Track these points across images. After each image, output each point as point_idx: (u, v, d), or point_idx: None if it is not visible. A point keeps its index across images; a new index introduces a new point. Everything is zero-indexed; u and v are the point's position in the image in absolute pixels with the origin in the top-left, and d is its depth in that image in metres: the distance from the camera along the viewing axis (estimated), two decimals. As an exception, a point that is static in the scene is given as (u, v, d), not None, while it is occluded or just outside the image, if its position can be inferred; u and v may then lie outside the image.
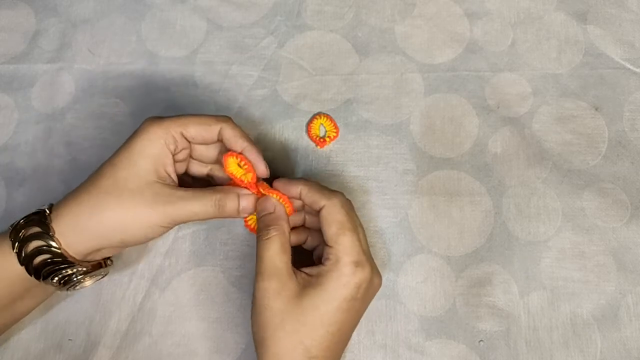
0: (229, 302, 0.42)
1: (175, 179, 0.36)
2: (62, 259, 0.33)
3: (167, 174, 0.35)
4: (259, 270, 0.34)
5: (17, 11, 0.51)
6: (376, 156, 0.45)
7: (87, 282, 0.36)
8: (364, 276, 0.34)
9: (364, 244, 0.36)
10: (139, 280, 0.42)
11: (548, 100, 0.46)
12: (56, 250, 0.33)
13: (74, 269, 0.34)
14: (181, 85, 0.48)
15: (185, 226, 0.44)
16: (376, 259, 0.41)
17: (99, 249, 0.35)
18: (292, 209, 0.38)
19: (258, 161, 0.37)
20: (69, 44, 0.49)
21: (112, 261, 0.38)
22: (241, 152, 0.37)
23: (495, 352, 0.40)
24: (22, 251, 0.33)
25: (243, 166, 0.36)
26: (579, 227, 0.43)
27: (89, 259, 0.35)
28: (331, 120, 0.46)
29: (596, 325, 0.40)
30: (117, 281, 0.42)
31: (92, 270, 0.35)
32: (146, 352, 0.41)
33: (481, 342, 0.40)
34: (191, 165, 0.39)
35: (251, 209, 0.37)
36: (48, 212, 0.34)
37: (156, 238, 0.36)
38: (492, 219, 0.43)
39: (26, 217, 0.34)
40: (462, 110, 0.46)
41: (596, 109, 0.45)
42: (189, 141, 0.37)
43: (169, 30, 0.49)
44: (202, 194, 0.35)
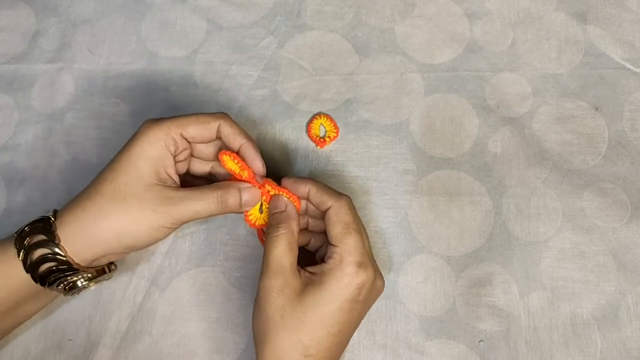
0: (229, 302, 0.42)
1: (177, 179, 0.36)
2: (68, 266, 0.33)
3: (168, 175, 0.36)
4: (264, 267, 0.34)
5: (17, 11, 0.51)
6: (376, 156, 0.45)
7: (92, 286, 0.36)
8: (366, 277, 0.34)
9: (368, 246, 0.36)
10: (139, 280, 0.42)
11: (548, 100, 0.46)
12: (62, 258, 0.33)
13: (79, 276, 0.34)
14: (181, 85, 0.48)
15: (185, 226, 0.44)
16: (376, 259, 0.41)
17: (104, 255, 0.35)
18: (299, 208, 0.38)
19: (255, 158, 0.37)
20: (69, 44, 0.49)
21: (116, 266, 0.38)
22: (234, 151, 0.37)
23: (495, 352, 0.40)
24: (27, 259, 0.33)
25: (237, 164, 0.37)
26: (579, 227, 0.43)
27: (93, 264, 0.35)
28: (331, 120, 0.46)
29: (596, 325, 0.40)
30: (117, 281, 0.42)
31: (96, 275, 0.36)
32: (146, 352, 0.41)
33: (481, 342, 0.40)
34: (192, 163, 0.39)
35: (253, 202, 0.37)
36: (53, 219, 0.34)
37: (162, 240, 0.36)
38: (492, 219, 0.43)
39: (31, 224, 0.34)
40: (462, 110, 0.46)
41: (596, 109, 0.45)
42: (188, 141, 0.37)
43: (169, 30, 0.49)
44: (204, 192, 0.35)
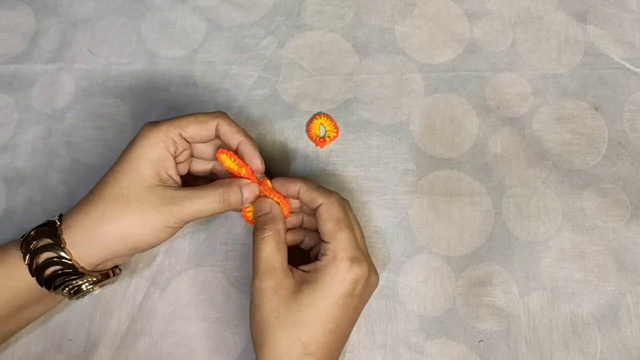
0: (229, 302, 0.42)
1: (178, 180, 0.37)
2: (73, 270, 0.34)
3: (170, 176, 0.36)
4: (255, 270, 0.34)
5: (17, 11, 0.51)
6: (376, 156, 0.45)
7: (96, 290, 0.36)
8: (360, 272, 0.34)
9: (361, 243, 0.36)
10: (139, 280, 0.42)
11: (548, 100, 0.46)
12: (67, 261, 0.33)
13: (84, 280, 0.34)
14: (181, 85, 0.48)
15: (185, 226, 0.43)
16: (376, 259, 0.41)
17: (109, 259, 0.35)
18: (289, 210, 0.38)
19: (254, 155, 0.37)
20: (69, 44, 0.49)
21: (121, 270, 0.39)
22: (233, 149, 0.37)
23: (495, 352, 0.40)
24: (33, 262, 0.33)
25: (234, 162, 0.37)
26: (579, 227, 0.43)
27: (99, 268, 0.35)
28: (331, 120, 0.46)
29: (596, 325, 0.40)
30: (117, 281, 0.42)
31: (102, 279, 0.36)
32: (146, 352, 0.41)
33: (481, 342, 0.40)
34: (193, 163, 0.40)
35: (254, 198, 0.37)
36: (59, 223, 0.34)
37: (166, 240, 0.36)
38: (492, 219, 0.43)
39: (36, 228, 0.34)
40: (462, 110, 0.46)
41: (596, 109, 0.45)
42: (188, 142, 0.37)
43: (169, 30, 0.49)
44: (206, 191, 0.35)
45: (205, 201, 0.35)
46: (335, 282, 0.33)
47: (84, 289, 0.35)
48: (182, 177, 0.38)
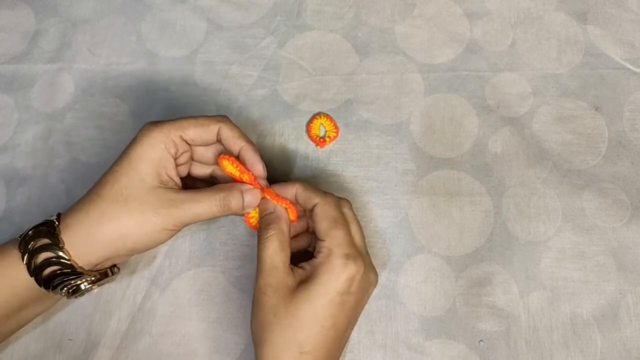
0: (229, 302, 0.42)
1: (178, 181, 0.37)
2: (71, 270, 0.33)
3: (170, 177, 0.36)
4: (258, 268, 0.35)
5: (17, 11, 0.51)
6: (376, 156, 0.45)
7: (95, 289, 0.36)
8: (356, 269, 0.33)
9: (359, 240, 0.36)
10: (139, 280, 0.42)
11: (548, 100, 0.46)
12: (66, 261, 0.33)
13: (82, 279, 0.34)
14: (181, 85, 0.48)
15: (186, 227, 0.43)
16: (376, 259, 0.41)
17: (108, 258, 0.35)
18: (296, 214, 0.38)
19: (255, 161, 0.37)
20: (69, 44, 0.49)
21: (119, 269, 0.38)
22: (234, 154, 0.37)
23: (495, 352, 0.40)
24: (31, 262, 0.33)
25: (236, 168, 0.37)
26: (579, 227, 0.43)
27: (97, 268, 0.35)
28: (331, 120, 0.46)
29: (596, 325, 0.40)
30: (117, 281, 0.42)
31: (100, 278, 0.36)
32: (146, 352, 0.41)
33: (481, 342, 0.40)
34: (193, 167, 0.40)
35: (255, 203, 0.37)
36: (57, 222, 0.34)
37: (165, 242, 0.36)
38: (492, 219, 0.43)
39: (34, 228, 0.34)
40: (462, 110, 0.46)
41: (596, 109, 0.45)
42: (189, 144, 0.37)
43: (169, 30, 0.49)
44: (206, 194, 0.35)
45: (206, 205, 0.35)
46: (330, 279, 0.33)
47: (83, 288, 0.35)
48: (181, 179, 0.38)
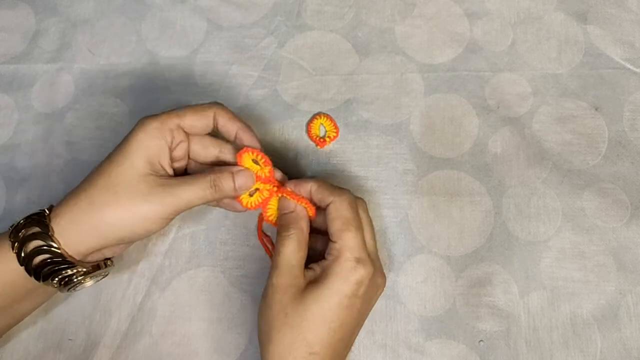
0: (229, 302, 0.42)
1: (170, 171, 0.36)
2: (62, 259, 0.33)
3: (162, 167, 0.35)
4: (273, 265, 0.34)
5: (17, 11, 0.51)
6: (376, 156, 0.45)
7: (88, 282, 0.36)
8: (365, 273, 0.34)
9: (370, 244, 0.36)
10: (139, 280, 0.42)
11: (548, 100, 0.46)
12: (55, 250, 0.33)
13: (74, 270, 0.34)
14: (181, 85, 0.48)
15: (185, 226, 0.44)
16: (376, 259, 0.41)
17: (99, 249, 0.35)
18: (314, 212, 0.38)
19: (253, 140, 0.38)
20: (69, 44, 0.49)
21: (113, 262, 0.38)
22: (231, 137, 0.37)
23: (495, 352, 0.40)
24: (21, 251, 0.33)
25: (260, 160, 0.36)
26: (579, 227, 0.43)
27: (89, 259, 0.35)
28: (331, 120, 0.46)
29: (596, 325, 0.40)
30: (117, 281, 0.42)
31: (92, 270, 0.35)
32: (146, 352, 0.41)
33: (481, 342, 0.40)
34: (190, 165, 0.40)
35: (249, 185, 0.37)
36: (48, 212, 0.34)
37: (158, 231, 0.35)
38: (492, 219, 0.43)
39: (26, 218, 0.34)
40: (462, 110, 0.46)
41: (596, 109, 0.45)
42: (186, 133, 0.37)
43: (169, 30, 0.49)
44: (197, 179, 0.35)
45: (197, 188, 0.34)
46: (339, 282, 0.33)
47: (75, 280, 0.34)
48: (177, 175, 0.38)
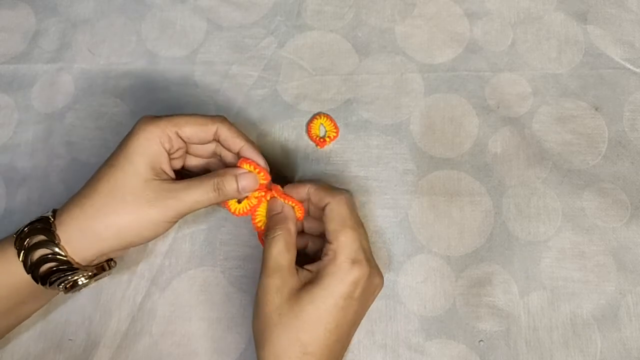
0: (229, 302, 0.42)
1: (172, 174, 0.37)
2: (68, 266, 0.33)
3: (164, 170, 0.36)
4: (263, 267, 0.35)
5: (17, 11, 0.51)
6: (376, 156, 0.45)
7: (91, 284, 0.36)
8: (361, 274, 0.34)
9: (365, 245, 0.36)
10: (139, 280, 0.42)
11: (548, 100, 0.46)
12: (62, 258, 0.33)
13: (79, 274, 0.34)
14: (181, 85, 0.48)
15: (186, 226, 0.44)
16: (376, 259, 0.41)
17: (104, 253, 0.35)
18: (303, 212, 0.38)
19: (257, 159, 0.37)
20: (69, 44, 0.49)
21: (116, 263, 0.38)
22: (239, 153, 0.37)
23: (495, 352, 0.40)
24: (27, 259, 0.33)
25: (254, 170, 0.37)
26: (579, 227, 0.43)
27: (94, 263, 0.35)
28: (331, 120, 0.46)
29: (596, 325, 0.40)
30: (117, 281, 0.42)
31: (97, 273, 0.36)
32: (146, 352, 0.41)
33: (481, 342, 0.40)
34: (188, 159, 0.40)
35: (251, 187, 0.37)
36: (52, 219, 0.34)
37: (163, 233, 0.36)
38: (492, 219, 0.43)
39: (30, 225, 0.34)
40: (462, 110, 0.46)
41: (596, 109, 0.45)
42: (184, 141, 0.37)
43: (169, 30, 0.49)
44: (200, 182, 0.35)
45: (201, 192, 0.35)
46: (335, 282, 0.33)
47: (80, 283, 0.35)
48: (176, 172, 0.38)
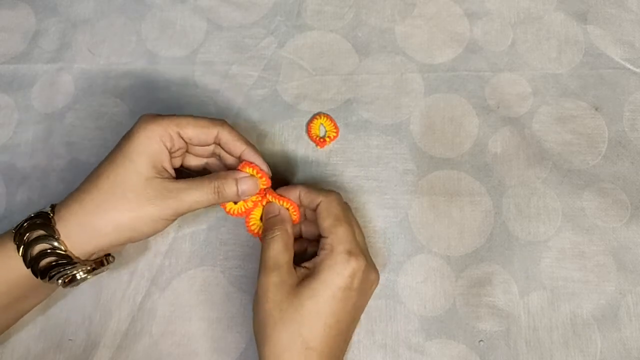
0: (229, 302, 0.42)
1: (172, 173, 0.37)
2: (67, 260, 0.34)
3: (164, 169, 0.36)
4: (261, 265, 0.35)
5: (17, 11, 0.51)
6: (376, 156, 0.45)
7: (90, 278, 0.36)
8: (357, 265, 0.34)
9: (360, 240, 0.37)
10: (139, 280, 0.42)
11: (548, 100, 0.46)
12: (62, 252, 0.33)
13: (78, 269, 0.35)
14: (181, 85, 0.48)
15: (186, 226, 0.44)
16: (376, 258, 0.41)
17: (103, 249, 0.35)
18: (299, 214, 0.39)
19: (259, 162, 0.38)
20: (69, 44, 0.49)
21: (114, 258, 0.39)
22: (241, 156, 0.38)
23: (495, 352, 0.40)
24: (27, 254, 0.33)
25: (256, 174, 0.37)
26: (579, 227, 0.43)
27: (92, 257, 0.36)
28: (331, 120, 0.46)
29: (596, 325, 0.40)
30: (117, 281, 0.42)
31: (96, 267, 0.36)
32: (146, 352, 0.41)
33: (481, 342, 0.40)
34: (187, 158, 0.40)
35: (251, 191, 0.37)
36: (51, 214, 0.34)
37: (161, 231, 0.36)
38: (492, 219, 0.43)
39: (30, 220, 0.34)
40: (462, 110, 0.46)
41: (596, 109, 0.45)
42: (185, 141, 0.37)
43: (169, 30, 0.49)
44: (201, 183, 0.36)
45: (201, 193, 0.35)
46: (333, 275, 0.33)
47: (79, 277, 0.35)
48: (175, 169, 0.38)
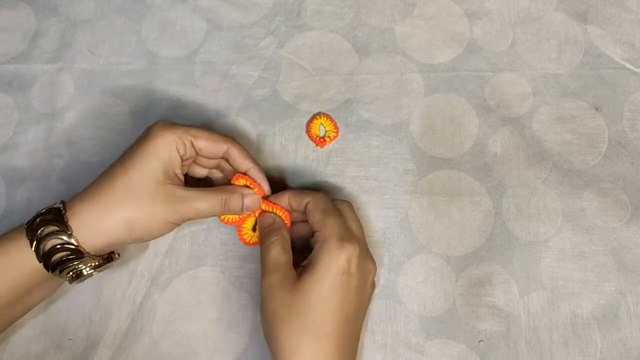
0: (229, 302, 0.42)
1: (182, 179, 0.39)
2: (77, 255, 0.35)
3: (176, 175, 0.38)
4: (263, 269, 0.36)
5: (17, 11, 0.50)
6: (376, 156, 0.45)
7: (95, 275, 0.37)
8: (351, 248, 0.35)
9: (358, 232, 0.38)
10: (139, 280, 0.42)
11: (548, 100, 0.46)
12: (74, 247, 0.34)
13: (86, 264, 0.36)
14: (181, 85, 0.48)
15: (186, 226, 0.44)
16: (376, 259, 0.41)
17: (112, 245, 0.36)
18: (290, 220, 0.40)
19: (262, 181, 0.40)
20: (69, 44, 0.49)
21: (120, 255, 0.39)
22: (246, 173, 0.40)
23: (495, 352, 0.40)
24: (40, 249, 0.34)
25: (250, 185, 0.39)
26: (579, 227, 0.43)
27: (100, 253, 0.37)
28: (331, 120, 0.46)
29: (596, 325, 0.40)
30: (117, 281, 0.42)
31: (103, 263, 0.37)
32: (146, 352, 0.41)
33: (481, 342, 0.40)
34: (192, 167, 0.41)
35: (254, 207, 0.39)
36: (64, 210, 0.35)
37: (166, 234, 0.38)
38: (492, 219, 0.43)
39: (42, 216, 0.35)
40: (462, 110, 0.46)
41: (596, 109, 0.45)
42: (196, 151, 0.39)
43: (169, 30, 0.49)
44: (210, 194, 0.38)
45: (209, 204, 0.37)
46: (329, 262, 0.34)
47: (85, 273, 0.36)
48: None
